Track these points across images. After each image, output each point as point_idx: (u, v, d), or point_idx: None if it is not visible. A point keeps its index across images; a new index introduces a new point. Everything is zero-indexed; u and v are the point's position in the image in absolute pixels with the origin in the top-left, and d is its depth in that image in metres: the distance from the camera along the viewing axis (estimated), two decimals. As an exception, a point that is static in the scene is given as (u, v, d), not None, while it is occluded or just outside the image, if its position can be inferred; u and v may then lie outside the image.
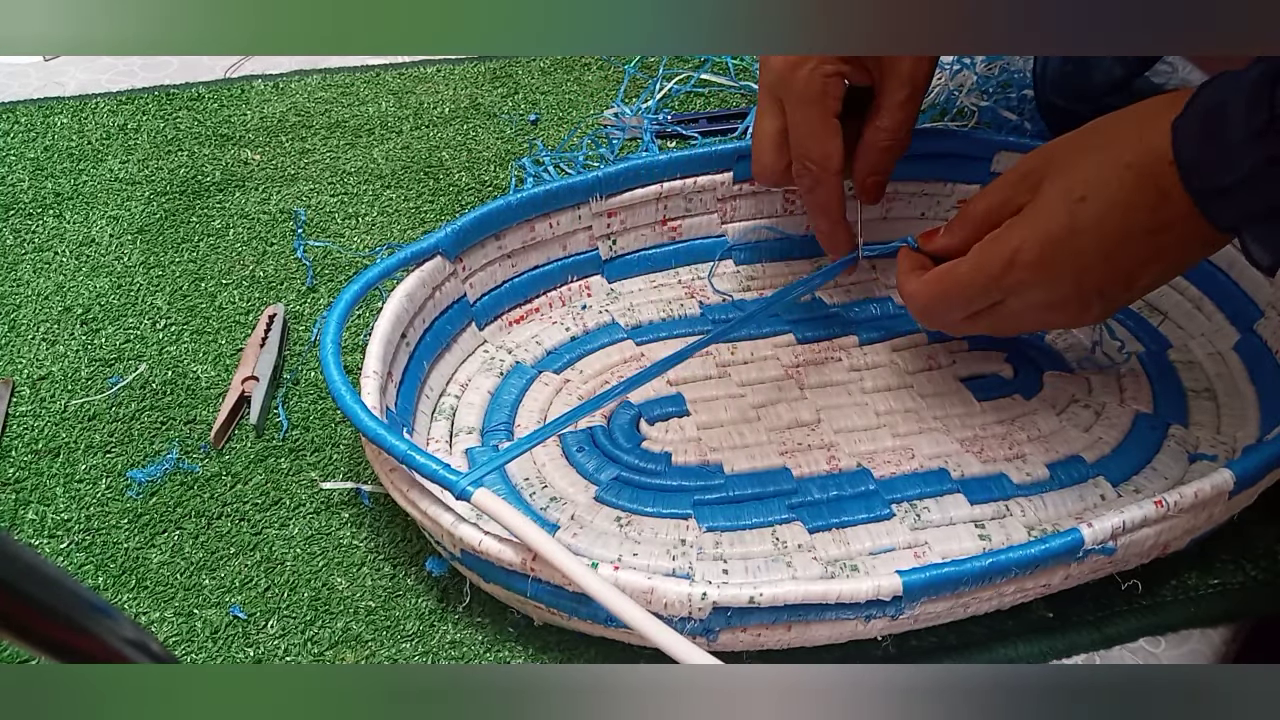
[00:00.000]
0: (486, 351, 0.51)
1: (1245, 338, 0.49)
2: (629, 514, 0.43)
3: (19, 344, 0.53)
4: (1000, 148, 0.55)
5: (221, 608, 0.42)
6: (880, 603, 0.35)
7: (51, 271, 0.57)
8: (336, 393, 0.39)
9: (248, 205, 0.62)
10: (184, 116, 0.69)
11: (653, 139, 0.67)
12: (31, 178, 0.63)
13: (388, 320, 0.44)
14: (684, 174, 0.53)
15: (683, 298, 0.54)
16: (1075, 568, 0.38)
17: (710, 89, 0.72)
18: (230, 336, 0.53)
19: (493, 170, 0.65)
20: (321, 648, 0.40)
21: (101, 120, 0.68)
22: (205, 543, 0.44)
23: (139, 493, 0.46)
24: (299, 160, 0.65)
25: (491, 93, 0.72)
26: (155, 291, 0.56)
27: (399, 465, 0.40)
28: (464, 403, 0.48)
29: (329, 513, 0.45)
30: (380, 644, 0.40)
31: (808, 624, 0.36)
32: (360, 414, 0.38)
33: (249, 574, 0.43)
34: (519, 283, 0.52)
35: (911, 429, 0.47)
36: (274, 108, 0.70)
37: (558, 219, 0.52)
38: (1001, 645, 0.40)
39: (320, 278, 0.57)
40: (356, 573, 0.43)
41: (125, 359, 0.52)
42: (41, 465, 0.47)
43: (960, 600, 0.37)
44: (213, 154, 0.66)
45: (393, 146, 0.66)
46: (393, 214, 0.61)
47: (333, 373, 0.40)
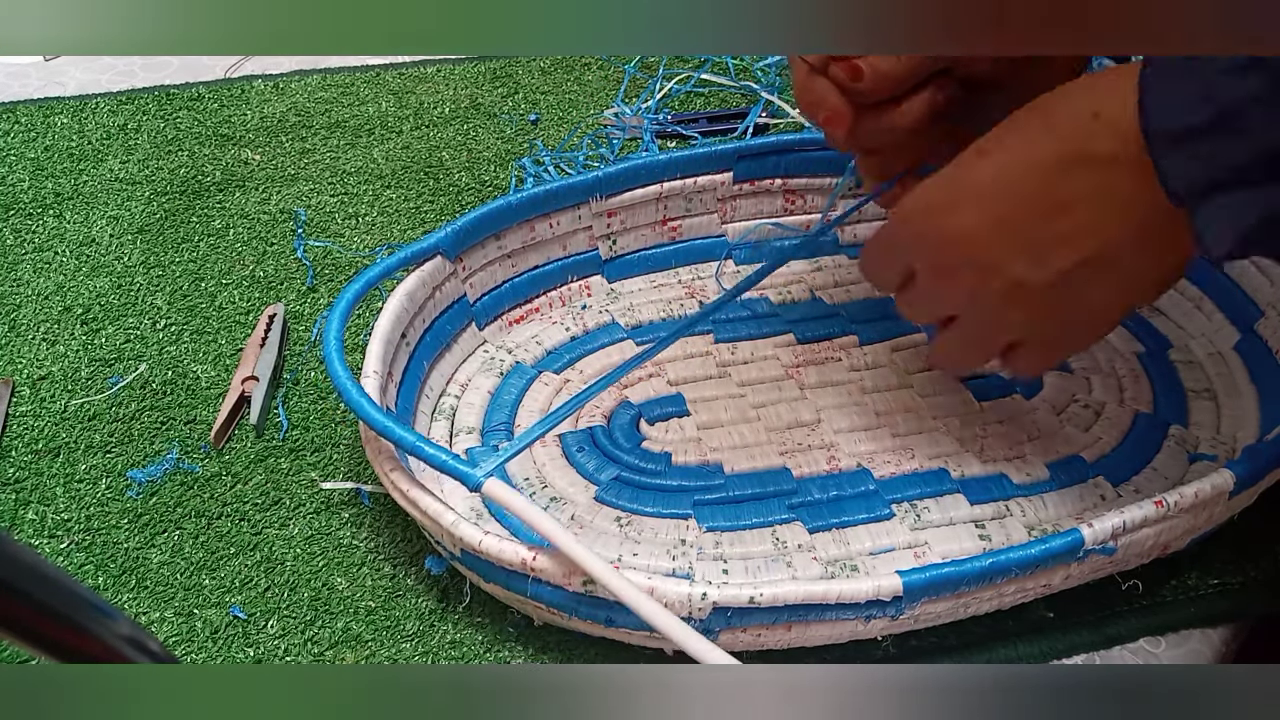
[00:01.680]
0: (486, 351, 0.51)
1: (1245, 337, 0.49)
2: (629, 514, 0.43)
3: (19, 344, 0.53)
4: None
5: (221, 608, 0.42)
6: (880, 603, 0.35)
7: (52, 271, 0.57)
8: (342, 387, 0.39)
9: (248, 205, 0.62)
10: (184, 116, 0.69)
11: (653, 139, 0.67)
12: (31, 178, 0.63)
13: (388, 320, 0.44)
14: (684, 174, 0.53)
15: (683, 297, 0.54)
16: (1075, 568, 0.38)
17: (710, 89, 0.72)
18: (230, 336, 0.53)
19: (493, 170, 0.65)
20: (321, 648, 0.40)
21: (101, 120, 0.68)
22: (205, 543, 0.44)
23: (139, 493, 0.46)
24: (299, 160, 0.65)
25: (491, 93, 0.72)
26: (155, 291, 0.56)
27: (399, 465, 0.40)
28: (464, 403, 0.48)
29: (329, 513, 0.45)
30: (380, 644, 0.40)
31: (808, 624, 0.36)
32: (367, 408, 0.38)
33: (249, 574, 0.43)
34: (519, 282, 0.52)
35: (911, 429, 0.47)
36: (274, 108, 0.70)
37: (558, 219, 0.52)
38: (1001, 645, 0.40)
39: (320, 278, 0.57)
40: (356, 573, 0.43)
41: (125, 359, 0.52)
42: (41, 465, 0.47)
43: (960, 600, 0.37)
44: (213, 154, 0.66)
45: (393, 146, 0.66)
46: (393, 214, 0.61)
47: (337, 369, 0.40)
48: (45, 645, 0.17)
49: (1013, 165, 0.33)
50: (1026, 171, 0.33)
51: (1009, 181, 0.33)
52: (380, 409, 0.38)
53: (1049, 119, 0.33)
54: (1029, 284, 0.34)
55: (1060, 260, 0.33)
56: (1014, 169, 0.33)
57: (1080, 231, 0.33)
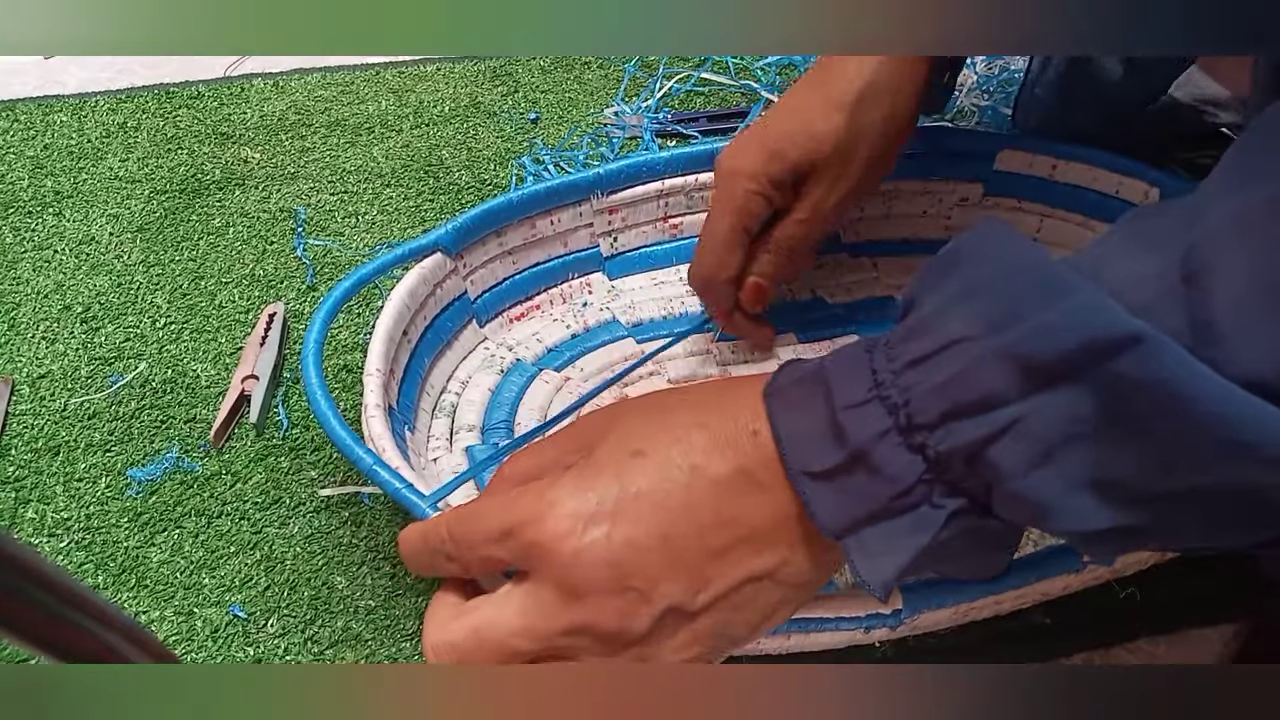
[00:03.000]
0: (487, 349, 0.51)
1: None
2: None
3: (19, 342, 0.53)
4: (1002, 146, 0.55)
5: (221, 607, 0.42)
6: (880, 615, 0.35)
7: (51, 270, 0.57)
8: (313, 399, 0.38)
9: (248, 204, 0.62)
10: (184, 115, 0.69)
11: (653, 138, 0.67)
12: (31, 176, 0.63)
13: (390, 318, 0.44)
14: (686, 171, 0.53)
15: (684, 295, 0.54)
16: (1074, 577, 0.38)
17: (710, 88, 0.72)
18: (230, 335, 0.53)
19: (493, 169, 0.65)
20: (321, 647, 0.40)
21: (101, 118, 0.68)
22: (205, 542, 0.44)
23: (139, 491, 0.46)
24: (299, 159, 0.65)
25: (491, 91, 0.72)
26: (155, 290, 0.56)
27: (404, 462, 0.40)
28: (465, 400, 0.48)
29: (329, 512, 0.45)
30: (380, 644, 0.40)
31: (807, 634, 0.36)
32: (332, 422, 0.37)
33: (249, 573, 0.43)
34: (520, 280, 0.52)
35: (912, 428, 0.47)
36: (274, 106, 0.70)
37: (559, 216, 0.52)
38: (1001, 646, 0.40)
39: (320, 276, 0.57)
40: (356, 572, 0.43)
41: (125, 357, 0.52)
42: (41, 464, 0.47)
43: (959, 610, 0.37)
44: (212, 152, 0.66)
45: (393, 145, 0.66)
46: (393, 212, 0.61)
47: (311, 377, 0.39)
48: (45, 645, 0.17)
49: (675, 474, 0.29)
50: (691, 480, 0.28)
51: (671, 492, 0.28)
52: (345, 427, 0.37)
53: (712, 431, 0.29)
54: (686, 609, 0.28)
55: (725, 581, 0.29)
56: (677, 478, 0.29)
57: (747, 547, 0.29)
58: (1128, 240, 0.26)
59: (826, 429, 0.27)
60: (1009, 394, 0.25)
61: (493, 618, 0.29)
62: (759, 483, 0.28)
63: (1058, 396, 0.24)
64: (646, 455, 0.29)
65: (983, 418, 0.25)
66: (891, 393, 0.26)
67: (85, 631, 0.18)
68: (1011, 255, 0.26)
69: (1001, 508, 0.26)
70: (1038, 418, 0.25)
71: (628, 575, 0.28)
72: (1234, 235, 0.24)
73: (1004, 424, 0.25)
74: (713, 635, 0.29)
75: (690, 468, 0.28)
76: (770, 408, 0.29)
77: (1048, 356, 0.24)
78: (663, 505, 0.28)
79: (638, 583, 0.28)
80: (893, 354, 0.27)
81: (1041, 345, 0.24)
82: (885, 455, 0.26)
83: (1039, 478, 0.25)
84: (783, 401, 0.29)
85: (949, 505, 0.27)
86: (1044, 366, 0.24)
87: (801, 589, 0.30)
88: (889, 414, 0.26)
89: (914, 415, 0.26)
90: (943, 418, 0.26)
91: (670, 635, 0.29)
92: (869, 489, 0.27)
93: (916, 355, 0.26)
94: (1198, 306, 0.24)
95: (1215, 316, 0.23)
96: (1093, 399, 0.24)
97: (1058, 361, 0.24)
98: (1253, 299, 0.23)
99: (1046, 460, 0.25)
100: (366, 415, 0.39)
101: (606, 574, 0.28)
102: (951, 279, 0.27)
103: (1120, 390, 0.24)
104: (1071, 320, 0.24)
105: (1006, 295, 0.25)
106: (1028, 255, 0.26)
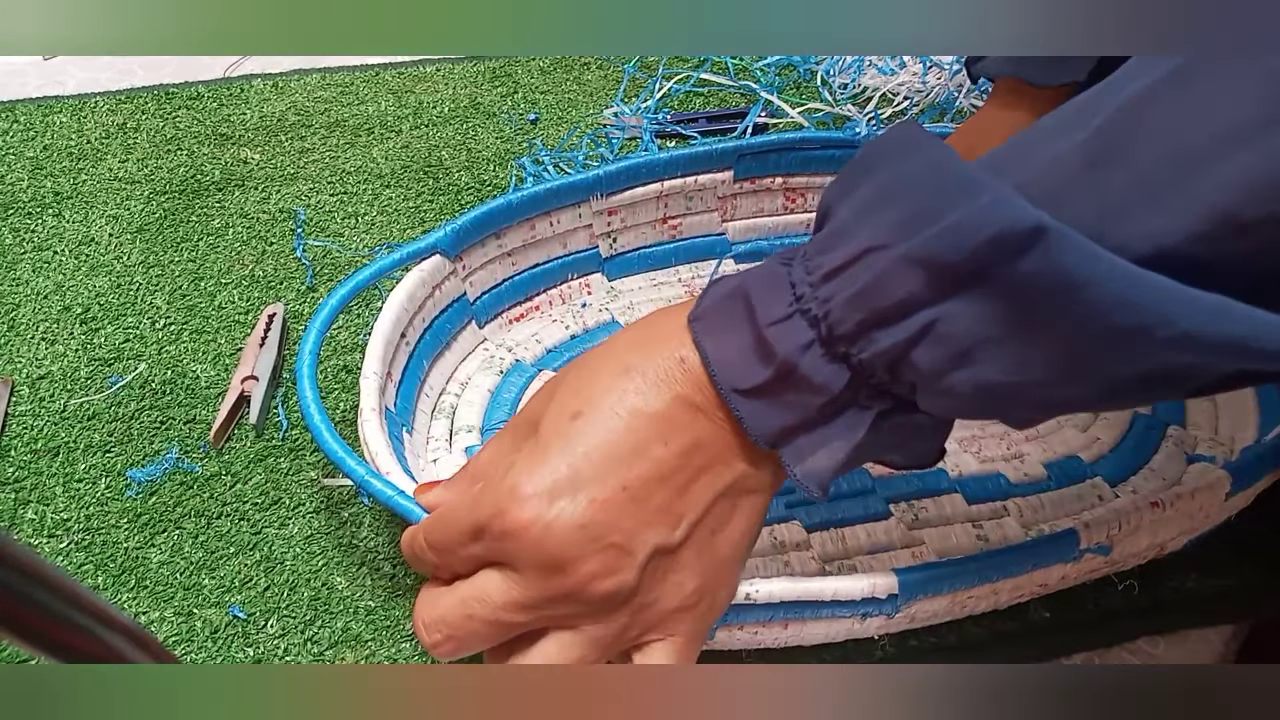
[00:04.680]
0: (486, 350, 0.51)
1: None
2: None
3: (18, 343, 0.53)
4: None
5: (221, 607, 0.42)
6: (876, 600, 0.35)
7: (51, 271, 0.57)
8: (307, 413, 0.38)
9: (247, 204, 0.62)
10: (183, 115, 0.69)
11: (652, 138, 0.67)
12: (31, 177, 0.63)
13: (388, 320, 0.44)
14: (685, 172, 0.54)
15: (683, 296, 0.54)
16: (1072, 568, 0.38)
17: (709, 88, 0.72)
18: (230, 336, 0.53)
19: (492, 170, 0.65)
20: (321, 648, 0.40)
21: (101, 119, 0.68)
22: (205, 542, 0.44)
23: (139, 492, 0.46)
24: (298, 159, 0.65)
25: (491, 92, 0.72)
26: (155, 291, 0.56)
27: (396, 465, 0.40)
28: (464, 401, 0.48)
29: (329, 512, 0.45)
30: (380, 644, 0.40)
31: (804, 622, 0.36)
32: (325, 436, 0.37)
33: (249, 573, 0.43)
34: (519, 281, 0.52)
35: (911, 428, 0.47)
36: (273, 107, 0.70)
37: (558, 217, 0.52)
38: (1001, 646, 0.40)
39: (320, 277, 0.57)
40: (356, 573, 0.43)
41: (125, 358, 0.52)
42: (41, 464, 0.47)
43: (956, 600, 0.37)
44: (212, 153, 0.66)
45: (392, 146, 0.66)
46: (392, 213, 0.61)
47: (305, 390, 0.39)
48: (45, 645, 0.17)
49: (616, 422, 0.29)
50: (632, 423, 0.29)
51: (618, 441, 0.29)
52: (337, 437, 0.37)
53: (641, 371, 0.30)
54: (668, 547, 0.29)
55: (696, 508, 0.29)
56: (619, 425, 0.29)
57: (704, 471, 0.29)
58: (1044, 130, 0.27)
59: (752, 347, 0.28)
60: (922, 298, 0.25)
61: (482, 592, 0.30)
62: (696, 406, 0.29)
63: (970, 299, 0.25)
64: (584, 414, 0.29)
65: (899, 325, 0.26)
66: (811, 305, 0.27)
67: (85, 632, 0.18)
68: (920, 158, 0.26)
69: (926, 405, 0.27)
70: (952, 321, 0.25)
71: (602, 533, 0.28)
72: (1137, 111, 0.24)
73: (919, 329, 0.25)
74: (703, 562, 0.30)
75: (629, 411, 0.29)
76: (696, 332, 0.29)
77: (955, 257, 0.24)
78: (613, 456, 0.29)
79: (615, 537, 0.28)
80: (810, 266, 0.27)
81: (948, 246, 0.24)
82: (811, 367, 0.27)
83: (958, 378, 0.26)
84: (707, 325, 0.29)
85: (876, 406, 0.28)
86: (952, 268, 0.24)
87: (766, 491, 0.31)
88: (810, 327, 0.27)
89: (834, 326, 0.27)
90: (861, 326, 0.26)
91: (662, 578, 0.29)
92: (798, 400, 0.28)
93: (832, 266, 0.27)
94: (1103, 188, 0.24)
95: (1120, 196, 0.24)
96: (1002, 299, 0.24)
97: (965, 261, 0.24)
98: (1156, 171, 0.23)
99: (964, 361, 0.25)
100: (361, 420, 0.39)
101: (581, 537, 0.28)
102: (864, 186, 0.27)
103: (1025, 287, 0.24)
104: (977, 218, 0.24)
105: (914, 199, 0.25)
106: (936, 157, 0.26)
